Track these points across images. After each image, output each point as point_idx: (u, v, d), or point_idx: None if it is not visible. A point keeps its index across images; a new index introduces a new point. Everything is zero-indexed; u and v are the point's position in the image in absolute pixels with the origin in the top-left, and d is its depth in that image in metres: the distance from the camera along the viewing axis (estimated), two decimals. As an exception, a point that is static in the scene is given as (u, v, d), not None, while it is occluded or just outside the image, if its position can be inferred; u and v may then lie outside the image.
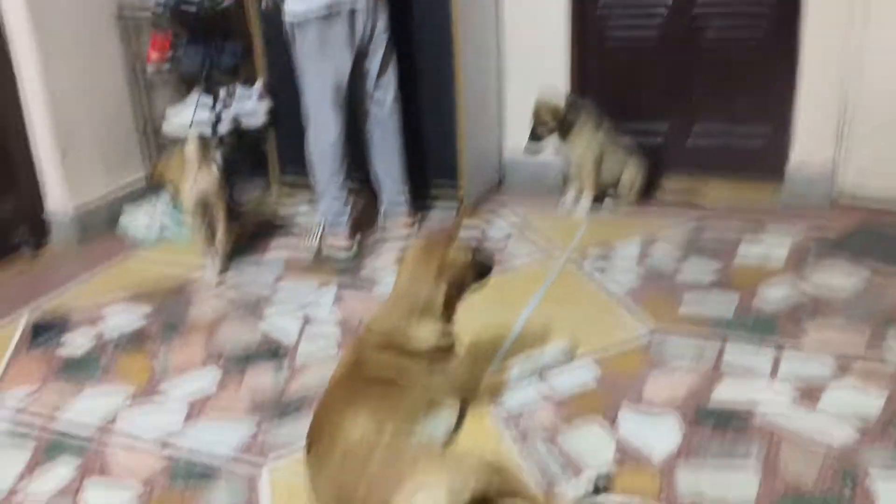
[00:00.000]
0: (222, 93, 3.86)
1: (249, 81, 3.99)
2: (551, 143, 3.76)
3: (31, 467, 2.19)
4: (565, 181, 3.95)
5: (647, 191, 3.85)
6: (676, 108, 3.94)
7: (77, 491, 2.10)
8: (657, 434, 2.15)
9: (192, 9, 3.72)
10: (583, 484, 1.95)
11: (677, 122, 3.96)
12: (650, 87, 3.95)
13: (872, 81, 3.44)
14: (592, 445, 2.13)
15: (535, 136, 3.72)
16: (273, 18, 3.72)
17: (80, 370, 2.66)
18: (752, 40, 3.70)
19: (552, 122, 3.67)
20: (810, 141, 3.63)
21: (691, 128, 3.95)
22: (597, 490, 1.94)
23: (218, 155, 3.35)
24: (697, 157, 3.96)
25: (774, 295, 2.87)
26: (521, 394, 2.36)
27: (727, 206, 3.73)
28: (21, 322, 3.02)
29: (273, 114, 4.01)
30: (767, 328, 2.65)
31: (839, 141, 3.58)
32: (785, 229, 3.41)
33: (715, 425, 2.17)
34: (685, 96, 3.90)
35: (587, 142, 3.69)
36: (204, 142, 3.29)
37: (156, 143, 4.10)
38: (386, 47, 3.34)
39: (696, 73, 3.85)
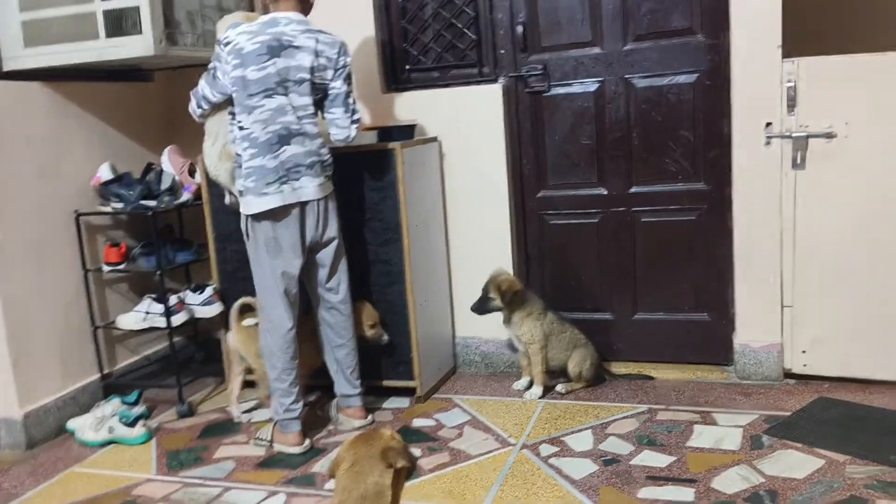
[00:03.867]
0: (174, 298, 3.91)
1: (201, 287, 4.05)
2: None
3: None
4: (518, 367, 4.00)
5: (597, 375, 3.89)
6: (618, 294, 4.07)
7: None
8: None
9: (151, 203, 3.83)
10: None
11: (620, 307, 4.08)
12: (591, 274, 4.09)
13: (808, 257, 3.56)
14: None
15: (484, 308, 3.78)
16: (226, 219, 3.84)
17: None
18: (687, 225, 3.87)
19: (500, 299, 3.73)
20: (752, 321, 3.72)
21: (634, 313, 4.06)
22: None
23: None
24: (644, 341, 4.05)
25: (731, 481, 2.86)
26: None
27: (678, 389, 3.77)
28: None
29: (224, 317, 4.03)
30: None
31: (782, 319, 3.67)
32: (737, 411, 3.44)
33: None
34: (626, 283, 4.04)
35: (533, 329, 3.75)
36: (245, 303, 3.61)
37: (109, 344, 4.12)
38: (338, 242, 3.44)
39: (635, 261, 4.00)
